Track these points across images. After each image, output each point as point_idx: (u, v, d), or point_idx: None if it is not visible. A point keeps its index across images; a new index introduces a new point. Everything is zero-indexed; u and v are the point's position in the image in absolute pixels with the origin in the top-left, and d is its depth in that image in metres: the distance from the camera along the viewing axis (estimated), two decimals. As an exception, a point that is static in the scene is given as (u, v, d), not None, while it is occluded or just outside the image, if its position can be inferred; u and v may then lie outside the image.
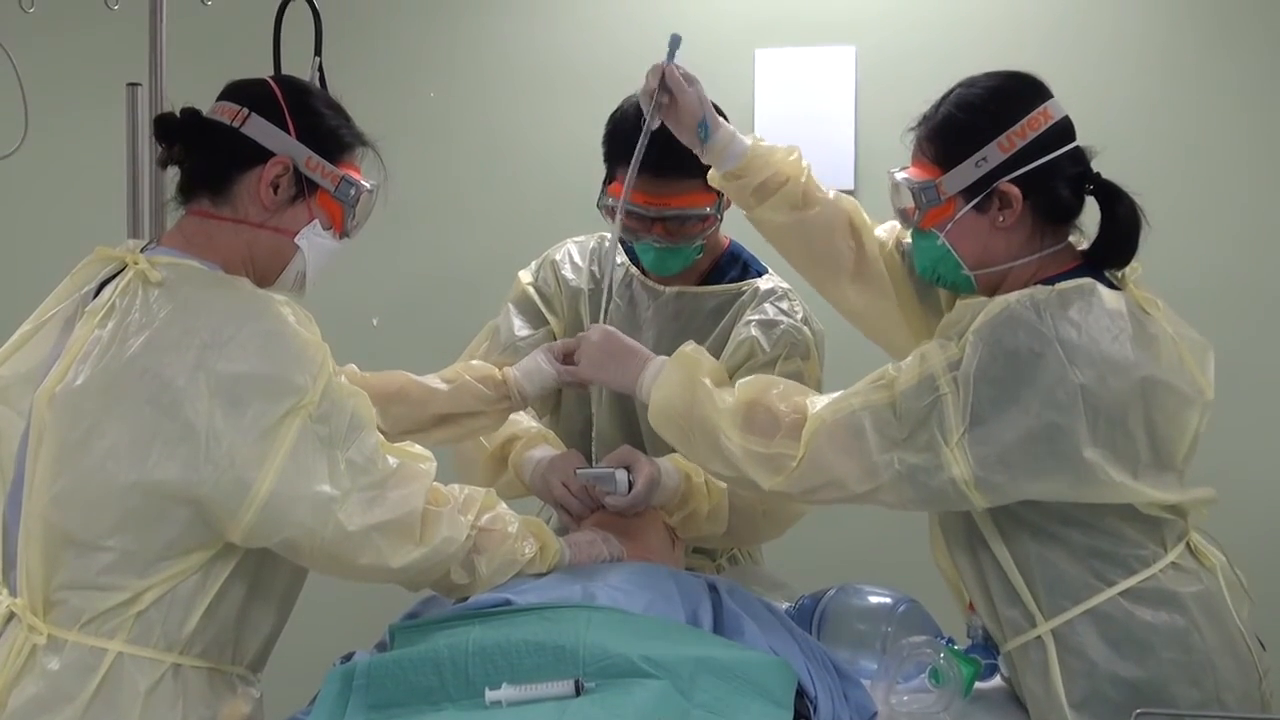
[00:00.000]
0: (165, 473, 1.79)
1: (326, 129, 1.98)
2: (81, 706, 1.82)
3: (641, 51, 3.63)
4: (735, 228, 2.65)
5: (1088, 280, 1.97)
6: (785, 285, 2.55)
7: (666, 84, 2.23)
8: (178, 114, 1.97)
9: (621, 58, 3.63)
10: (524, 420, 2.45)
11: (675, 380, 2.10)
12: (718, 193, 2.40)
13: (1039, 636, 1.99)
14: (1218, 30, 3.57)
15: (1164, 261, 3.40)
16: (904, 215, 2.08)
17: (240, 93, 1.97)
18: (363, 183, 2.02)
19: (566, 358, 2.36)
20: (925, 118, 2.06)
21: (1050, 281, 1.97)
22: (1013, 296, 1.94)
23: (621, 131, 2.41)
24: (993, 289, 2.04)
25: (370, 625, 2.17)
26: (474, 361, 2.45)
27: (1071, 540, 1.97)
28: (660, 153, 2.33)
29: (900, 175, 2.07)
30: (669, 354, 2.51)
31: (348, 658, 1.99)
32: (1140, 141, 3.56)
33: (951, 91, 2.05)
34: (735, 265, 2.57)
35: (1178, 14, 3.60)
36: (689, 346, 2.15)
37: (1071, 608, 1.97)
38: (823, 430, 1.97)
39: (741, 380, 2.10)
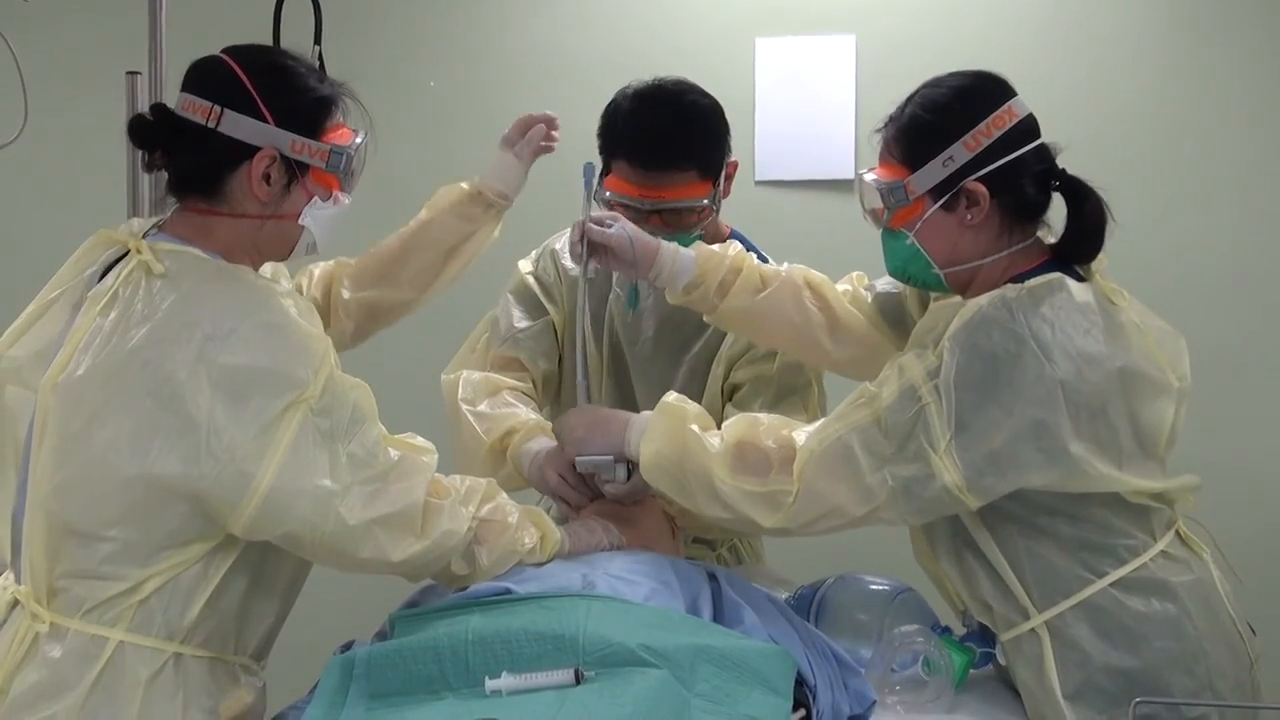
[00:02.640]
0: (166, 467, 1.79)
1: (303, 105, 1.94)
2: (82, 695, 1.82)
3: (643, 41, 3.67)
4: (737, 217, 2.64)
5: (1056, 275, 1.98)
6: (785, 274, 2.55)
7: (593, 241, 2.28)
8: (149, 115, 1.94)
9: (622, 47, 3.64)
10: (521, 412, 2.46)
11: (663, 431, 2.10)
12: (714, 182, 2.40)
13: (1033, 629, 2.00)
14: (1218, 20, 3.56)
15: (1161, 252, 3.44)
16: (873, 215, 2.10)
17: (206, 85, 1.91)
18: (351, 144, 1.98)
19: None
20: (891, 119, 2.07)
21: (1020, 278, 1.98)
22: (984, 299, 1.95)
23: (616, 124, 2.41)
24: (963, 287, 2.05)
25: (370, 614, 2.17)
26: (441, 190, 2.48)
27: (1059, 532, 1.98)
28: (651, 146, 2.35)
29: (869, 176, 2.08)
30: (668, 345, 2.52)
31: (347, 646, 2.00)
32: (1140, 132, 3.56)
33: (917, 92, 2.07)
34: None
35: (1177, 4, 3.60)
36: (671, 396, 2.15)
37: (1063, 601, 1.98)
38: (812, 461, 1.98)
39: (727, 422, 2.10)
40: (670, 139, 2.36)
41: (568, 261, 2.58)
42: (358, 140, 1.99)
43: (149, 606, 1.84)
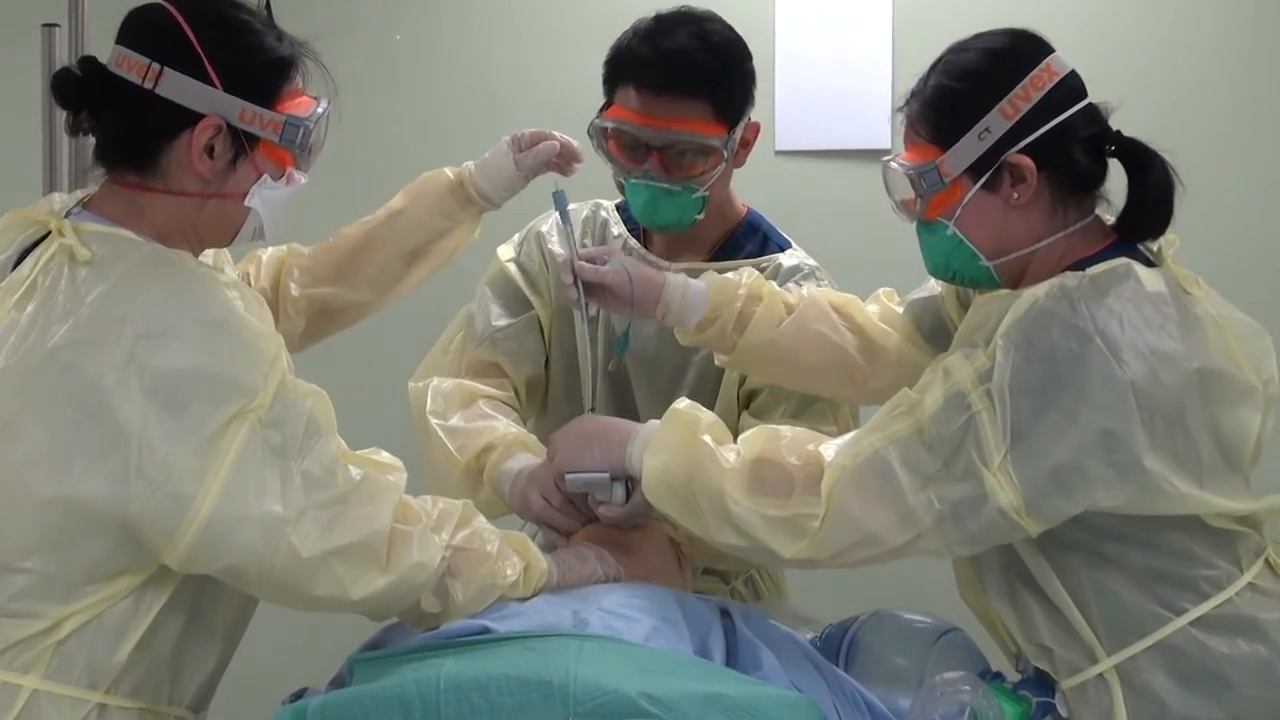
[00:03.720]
0: (90, 487, 1.79)
1: (256, 67, 1.94)
2: (-11, 752, 1.83)
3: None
4: (754, 192, 2.64)
5: (1122, 261, 1.98)
6: (812, 262, 2.55)
7: (583, 279, 2.30)
8: (76, 70, 1.94)
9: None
10: (500, 425, 2.46)
11: (672, 442, 2.09)
12: (729, 127, 2.40)
13: (1100, 675, 2.00)
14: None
15: (1244, 234, 3.44)
16: (904, 207, 2.10)
17: (144, 38, 1.91)
18: (311, 114, 1.98)
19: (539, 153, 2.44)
20: (914, 93, 2.08)
21: (1081, 265, 1.99)
22: (1040, 289, 1.95)
23: (627, 45, 2.43)
24: (1016, 278, 2.06)
25: (325, 657, 2.18)
26: (424, 176, 2.49)
27: (1130, 563, 1.98)
28: (665, 66, 2.36)
29: (895, 163, 2.08)
30: (674, 343, 2.52)
31: (298, 695, 2.01)
32: (1227, 92, 3.55)
33: (939, 60, 2.08)
34: (753, 237, 2.57)
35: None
36: (683, 403, 2.14)
37: (1135, 642, 1.98)
38: (844, 479, 1.97)
39: (744, 435, 2.09)
40: (687, 61, 2.37)
41: (555, 245, 2.58)
42: (318, 110, 2.00)
43: (69, 649, 1.84)
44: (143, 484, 1.78)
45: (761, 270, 2.52)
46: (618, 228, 2.61)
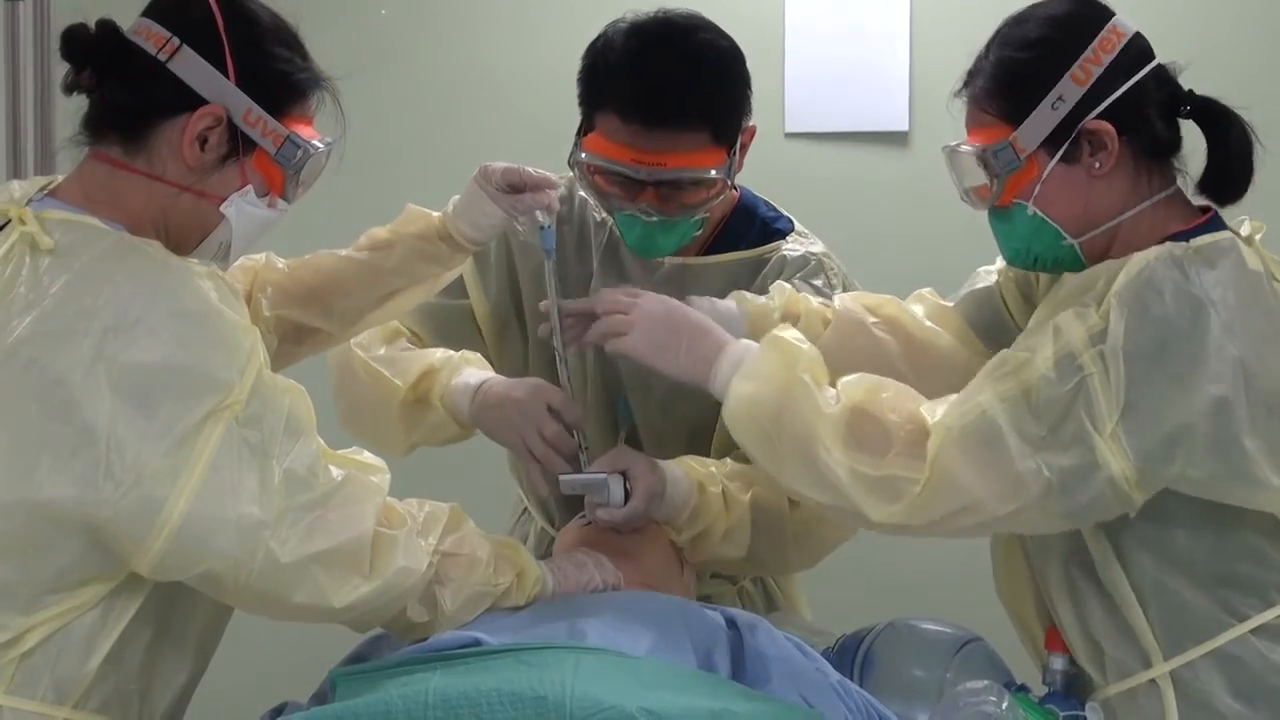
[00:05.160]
0: (56, 490, 1.79)
1: (274, 72, 1.97)
2: (-51, 773, 1.83)
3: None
4: (762, 178, 2.62)
5: (1227, 235, 2.01)
6: (818, 249, 2.51)
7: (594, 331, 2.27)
8: (92, 28, 1.96)
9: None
10: (437, 352, 2.43)
11: (770, 372, 2.06)
12: (729, 149, 2.34)
13: (1153, 680, 2.01)
14: None
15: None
16: (975, 195, 2.10)
17: (172, 14, 1.94)
18: (313, 142, 2.01)
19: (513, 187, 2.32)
20: (974, 71, 2.09)
21: (1180, 238, 2.00)
22: (1151, 254, 1.96)
23: (606, 65, 2.34)
24: (1101, 257, 2.06)
25: (305, 671, 2.18)
26: (410, 208, 2.41)
27: (1197, 559, 1.99)
28: (655, 96, 2.28)
29: (964, 147, 2.09)
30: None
31: (278, 711, 2.01)
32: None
33: (998, 34, 2.09)
34: (751, 224, 2.52)
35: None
36: (788, 331, 2.10)
37: (1192, 648, 1.99)
38: (950, 441, 1.95)
39: (845, 379, 2.05)
40: (681, 88, 2.29)
41: (523, 238, 2.52)
42: (319, 144, 2.02)
43: (33, 663, 1.85)
44: (112, 486, 1.79)
45: (764, 263, 2.49)
46: (598, 213, 2.55)
